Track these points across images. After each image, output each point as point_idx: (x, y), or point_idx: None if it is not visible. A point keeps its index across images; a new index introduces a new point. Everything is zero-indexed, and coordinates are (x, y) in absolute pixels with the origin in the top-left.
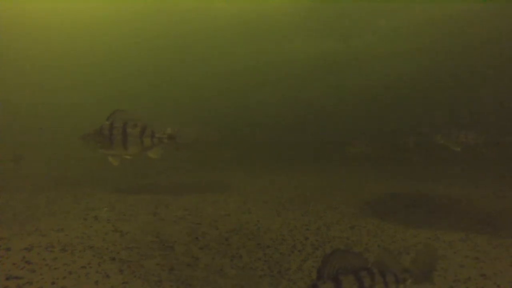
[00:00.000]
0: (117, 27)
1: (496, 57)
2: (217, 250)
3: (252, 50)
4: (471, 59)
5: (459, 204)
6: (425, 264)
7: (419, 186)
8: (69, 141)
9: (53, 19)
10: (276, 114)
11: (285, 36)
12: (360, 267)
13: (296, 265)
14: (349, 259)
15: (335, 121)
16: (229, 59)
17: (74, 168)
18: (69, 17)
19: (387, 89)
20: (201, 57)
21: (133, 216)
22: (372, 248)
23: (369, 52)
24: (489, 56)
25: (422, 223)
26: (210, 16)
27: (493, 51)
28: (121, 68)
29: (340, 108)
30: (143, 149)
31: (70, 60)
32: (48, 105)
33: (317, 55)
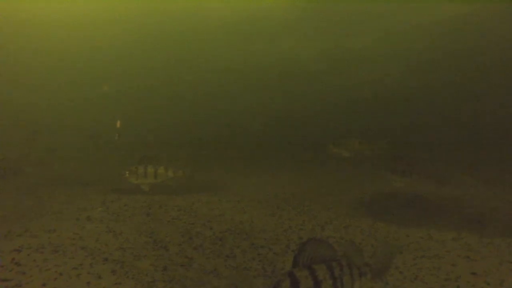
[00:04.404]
0: (111, 27)
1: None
2: (211, 250)
3: (247, 50)
4: (465, 61)
5: (451, 203)
6: (382, 261)
7: (412, 186)
8: (62, 141)
9: (48, 19)
10: (272, 114)
11: (280, 36)
12: (331, 257)
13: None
14: (322, 248)
15: (331, 122)
16: (224, 59)
17: (66, 168)
18: (64, 17)
19: (382, 90)
20: (196, 57)
21: (127, 217)
22: (365, 247)
23: (365, 53)
24: (487, 59)
25: (415, 222)
26: (204, 16)
27: (494, 53)
28: (115, 68)
29: (337, 108)
30: None
31: (64, 60)
32: (41, 104)
33: (312, 56)
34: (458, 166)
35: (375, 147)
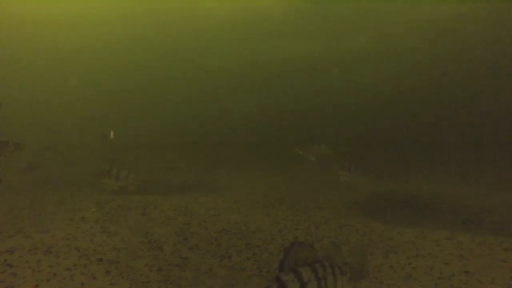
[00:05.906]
0: (108, 27)
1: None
2: (207, 250)
3: (242, 50)
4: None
5: (445, 203)
6: (360, 260)
7: (406, 186)
8: (56, 141)
9: (44, 19)
10: (268, 114)
11: (276, 36)
12: (314, 259)
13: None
14: (305, 251)
15: (328, 122)
16: (220, 59)
17: (61, 168)
18: (61, 17)
19: (381, 90)
20: (192, 57)
21: (122, 217)
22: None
23: (363, 54)
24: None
25: (410, 221)
26: (200, 16)
27: (492, 53)
28: (111, 67)
29: (334, 109)
30: None
31: (60, 60)
32: (33, 104)
33: (307, 56)
34: (454, 166)
35: (339, 150)
